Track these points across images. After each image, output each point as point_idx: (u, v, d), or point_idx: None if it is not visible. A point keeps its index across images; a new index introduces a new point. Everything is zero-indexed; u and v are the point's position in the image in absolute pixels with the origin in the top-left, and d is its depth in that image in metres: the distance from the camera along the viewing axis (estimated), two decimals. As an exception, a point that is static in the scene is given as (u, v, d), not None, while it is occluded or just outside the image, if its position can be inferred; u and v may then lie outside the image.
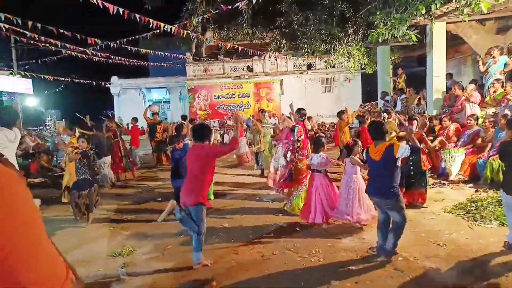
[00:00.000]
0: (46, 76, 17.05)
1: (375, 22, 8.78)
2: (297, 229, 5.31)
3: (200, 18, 10.18)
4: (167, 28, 9.00)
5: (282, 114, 22.54)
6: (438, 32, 10.44)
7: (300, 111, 8.07)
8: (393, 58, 17.05)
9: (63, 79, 19.07)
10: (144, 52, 13.68)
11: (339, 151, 10.12)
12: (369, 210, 5.29)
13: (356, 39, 14.61)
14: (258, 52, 15.70)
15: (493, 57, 9.26)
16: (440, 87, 10.99)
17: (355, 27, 14.25)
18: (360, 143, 5.49)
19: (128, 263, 4.36)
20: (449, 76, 12.05)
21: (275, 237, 5.02)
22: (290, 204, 6.02)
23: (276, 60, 24.61)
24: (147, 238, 5.18)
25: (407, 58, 19.73)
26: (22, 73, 18.39)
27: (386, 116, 9.18)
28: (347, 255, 4.35)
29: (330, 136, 16.43)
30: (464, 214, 5.59)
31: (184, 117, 10.78)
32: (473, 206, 5.84)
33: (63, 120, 20.88)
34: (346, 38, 14.65)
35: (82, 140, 6.07)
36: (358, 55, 15.78)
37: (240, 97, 25.24)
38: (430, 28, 10.25)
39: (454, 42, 13.82)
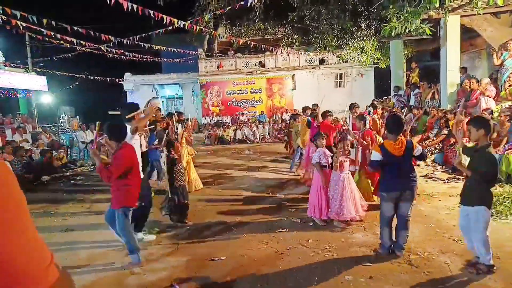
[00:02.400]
0: (61, 73, 17.32)
1: (388, 16, 8.70)
2: (310, 224, 5.32)
3: (212, 14, 10.22)
4: (180, 24, 9.06)
5: (295, 109, 22.52)
6: (452, 25, 10.29)
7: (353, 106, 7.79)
8: (406, 52, 16.85)
9: (78, 75, 19.36)
10: (157, 48, 13.78)
11: None
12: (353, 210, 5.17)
13: (368, 33, 14.44)
14: (270, 47, 15.65)
15: (509, 50, 9.09)
16: (454, 81, 10.85)
17: (367, 22, 14.09)
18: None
19: (143, 257, 4.45)
20: (463, 70, 11.88)
21: (288, 232, 5.05)
22: None
23: (288, 55, 24.51)
24: (161, 233, 5.26)
25: (420, 52, 19.46)
26: (38, 69, 18.76)
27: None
28: (360, 250, 4.37)
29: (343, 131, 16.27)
30: (479, 210, 5.54)
31: (170, 114, 9.16)
32: (489, 202, 5.78)
33: (77, 116, 21.18)
34: (359, 33, 14.48)
35: None
36: (370, 50, 15.60)
37: (252, 93, 25.23)
38: (443, 21, 10.10)
39: (468, 35, 13.60)
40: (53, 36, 9.22)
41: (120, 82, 25.75)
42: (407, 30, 8.23)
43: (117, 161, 3.99)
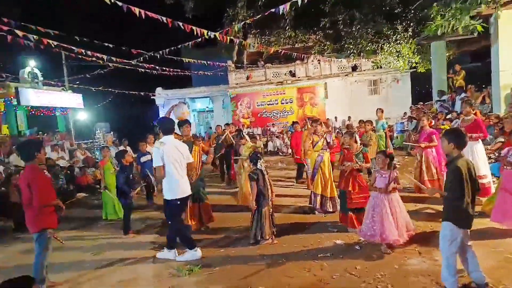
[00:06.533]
0: (94, 89, 17.68)
1: (431, 15, 8.06)
2: (357, 247, 4.76)
3: (242, 23, 9.94)
4: (210, 35, 8.80)
5: (327, 119, 21.85)
6: (505, 21, 9.38)
7: None
8: (447, 54, 15.89)
9: (112, 90, 19.68)
10: (186, 61, 13.69)
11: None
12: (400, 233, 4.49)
13: (405, 36, 13.75)
14: (302, 55, 15.20)
15: None
16: (508, 83, 9.90)
17: (404, 24, 13.40)
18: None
19: (175, 286, 4.05)
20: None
21: (332, 257, 4.51)
22: None
23: (319, 63, 23.92)
24: (196, 259, 4.81)
25: (461, 54, 18.43)
26: (75, 86, 19.32)
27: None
28: (419, 280, 3.76)
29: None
30: (557, 230, 4.77)
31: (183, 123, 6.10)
32: None
33: (111, 132, 21.54)
34: (395, 36, 13.82)
35: None
36: (408, 53, 14.84)
37: (283, 103, 24.75)
38: (494, 17, 9.27)
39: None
40: (84, 53, 9.27)
41: (152, 97, 26.08)
42: (454, 29, 7.53)
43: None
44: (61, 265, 4.94)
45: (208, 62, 15.19)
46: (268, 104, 24.84)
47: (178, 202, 4.66)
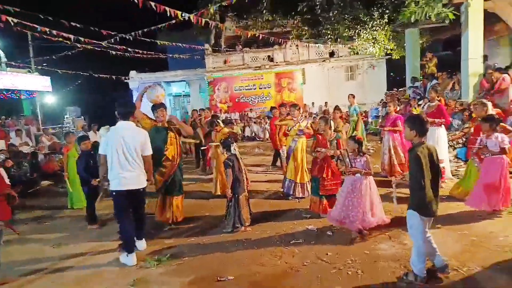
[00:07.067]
0: (62, 71, 16.86)
1: (406, 2, 8.08)
2: (329, 233, 4.77)
3: (218, 5, 9.65)
4: (184, 17, 8.50)
5: (305, 104, 21.87)
6: (475, 10, 9.54)
7: None
8: (420, 42, 16.08)
9: (82, 73, 18.89)
10: (161, 44, 13.27)
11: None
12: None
13: (381, 23, 13.80)
14: (280, 40, 14.96)
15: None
16: (477, 71, 10.12)
17: (380, 10, 13.43)
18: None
19: (140, 279, 3.93)
20: (483, 58, 11.09)
21: (304, 244, 4.49)
22: None
23: (297, 48, 23.82)
24: (162, 249, 4.70)
25: (434, 42, 18.70)
26: (41, 67, 18.37)
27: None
28: (388, 265, 3.80)
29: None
30: (520, 213, 4.92)
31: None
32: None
33: (82, 117, 20.80)
34: (371, 22, 13.83)
35: None
36: (384, 40, 14.92)
37: (261, 88, 24.59)
38: (465, 6, 9.38)
39: (487, 21, 12.81)
40: (49, 32, 8.74)
41: (125, 81, 25.36)
42: (427, 16, 7.58)
43: None
44: (18, 258, 4.70)
45: (184, 45, 14.81)
46: (246, 89, 24.62)
47: (114, 194, 4.24)
